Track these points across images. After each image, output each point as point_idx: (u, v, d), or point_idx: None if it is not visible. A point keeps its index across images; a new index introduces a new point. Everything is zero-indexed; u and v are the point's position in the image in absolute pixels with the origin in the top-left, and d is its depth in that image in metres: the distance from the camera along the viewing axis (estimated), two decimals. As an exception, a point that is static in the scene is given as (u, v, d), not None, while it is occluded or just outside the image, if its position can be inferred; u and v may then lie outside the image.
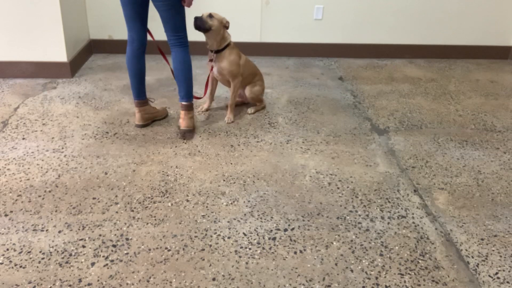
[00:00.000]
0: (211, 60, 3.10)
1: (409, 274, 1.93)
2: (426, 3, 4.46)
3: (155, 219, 2.21)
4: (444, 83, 4.06)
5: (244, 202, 2.36)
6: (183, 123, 2.94)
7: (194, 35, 3.44)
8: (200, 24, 2.93)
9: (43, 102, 3.42)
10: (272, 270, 1.93)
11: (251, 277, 1.89)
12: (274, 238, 2.11)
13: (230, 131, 3.08)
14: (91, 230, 2.13)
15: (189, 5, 2.70)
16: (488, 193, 2.51)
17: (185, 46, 2.85)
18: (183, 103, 2.92)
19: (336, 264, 1.97)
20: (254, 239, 2.10)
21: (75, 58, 4.00)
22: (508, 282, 1.91)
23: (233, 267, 1.94)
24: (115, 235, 2.10)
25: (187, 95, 2.91)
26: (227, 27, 3.03)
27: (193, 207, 2.31)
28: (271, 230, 2.16)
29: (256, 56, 4.56)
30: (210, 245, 2.05)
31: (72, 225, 2.15)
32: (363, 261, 1.99)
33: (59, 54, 3.80)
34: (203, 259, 1.97)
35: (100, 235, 2.10)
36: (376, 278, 1.91)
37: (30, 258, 1.95)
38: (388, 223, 2.24)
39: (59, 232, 2.11)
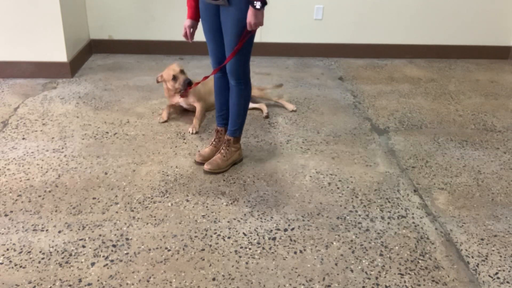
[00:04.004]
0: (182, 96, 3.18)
1: (409, 274, 1.93)
2: (426, 3, 4.46)
3: (155, 219, 2.21)
4: (444, 83, 4.06)
5: (244, 202, 2.36)
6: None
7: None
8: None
9: (43, 102, 3.42)
10: (272, 270, 1.93)
11: (251, 277, 1.89)
12: (274, 238, 2.11)
13: (230, 131, 3.07)
14: (91, 230, 2.13)
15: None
16: (488, 193, 2.51)
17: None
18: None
19: (336, 264, 1.97)
20: (254, 239, 2.10)
21: (75, 58, 4.00)
22: (508, 282, 1.91)
23: (233, 267, 1.94)
24: (115, 235, 2.10)
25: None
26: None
27: (193, 207, 2.31)
28: (271, 230, 2.16)
29: (256, 56, 4.55)
30: (210, 245, 2.05)
31: (72, 225, 2.15)
32: (363, 261, 1.99)
33: (59, 54, 3.80)
34: (203, 259, 1.97)
35: (100, 235, 2.10)
36: (376, 278, 1.90)
37: (30, 258, 1.95)
38: (388, 223, 2.24)
39: (59, 232, 2.11)
